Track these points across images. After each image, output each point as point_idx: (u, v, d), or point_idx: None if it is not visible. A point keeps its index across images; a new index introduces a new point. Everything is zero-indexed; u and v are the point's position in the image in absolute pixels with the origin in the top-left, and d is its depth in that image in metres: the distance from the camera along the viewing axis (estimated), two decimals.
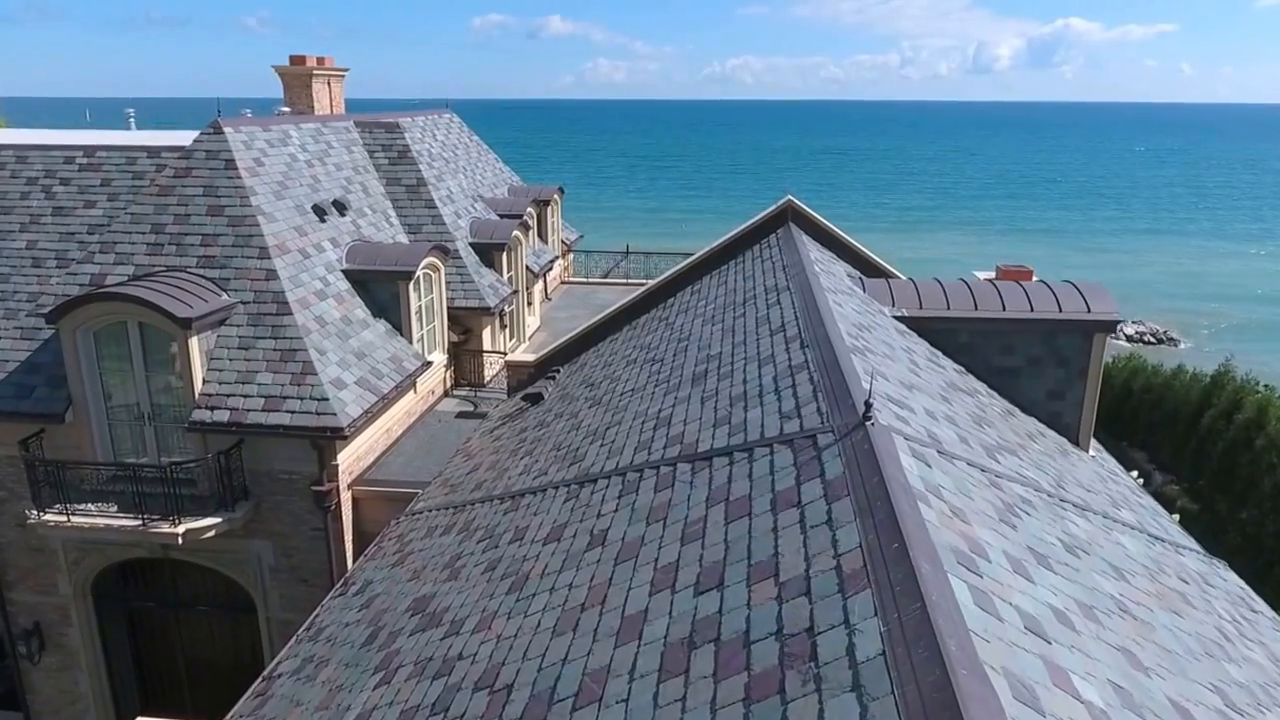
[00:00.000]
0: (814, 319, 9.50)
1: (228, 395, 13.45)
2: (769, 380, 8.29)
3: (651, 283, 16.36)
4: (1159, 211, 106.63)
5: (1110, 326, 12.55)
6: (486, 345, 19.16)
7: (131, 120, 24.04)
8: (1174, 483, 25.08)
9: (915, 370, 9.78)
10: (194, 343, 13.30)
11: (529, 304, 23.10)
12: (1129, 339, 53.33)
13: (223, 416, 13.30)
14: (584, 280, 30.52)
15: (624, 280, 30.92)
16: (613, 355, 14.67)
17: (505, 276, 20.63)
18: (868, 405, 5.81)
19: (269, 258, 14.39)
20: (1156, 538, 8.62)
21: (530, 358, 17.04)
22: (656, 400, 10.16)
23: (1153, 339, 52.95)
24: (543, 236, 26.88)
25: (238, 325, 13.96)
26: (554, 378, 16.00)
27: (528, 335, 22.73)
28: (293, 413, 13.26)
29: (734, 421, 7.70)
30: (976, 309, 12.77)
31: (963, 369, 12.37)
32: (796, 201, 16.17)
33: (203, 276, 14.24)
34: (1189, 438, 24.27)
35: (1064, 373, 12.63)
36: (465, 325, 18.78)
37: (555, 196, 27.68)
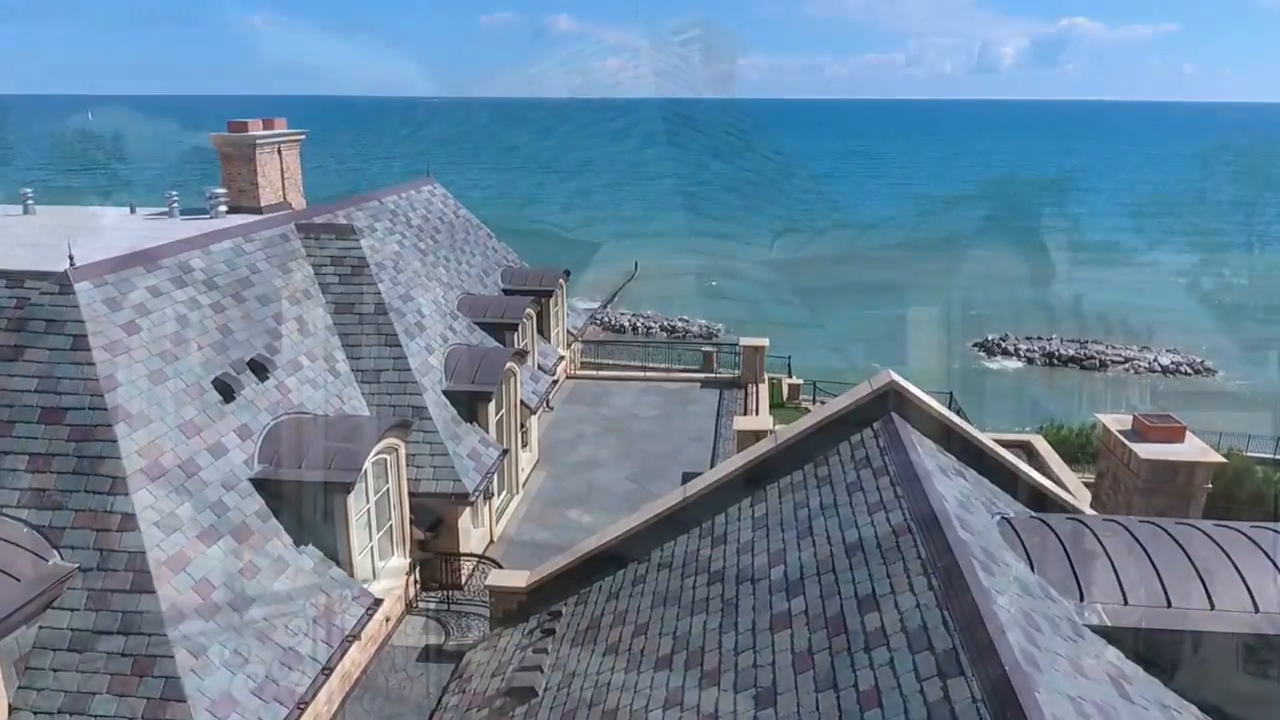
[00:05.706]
0: None
1: None
2: None
3: (686, 493, 11.49)
4: (1188, 221, 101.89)
5: None
6: (463, 538, 14.29)
7: (29, 199, 19.25)
8: None
9: None
10: None
11: (524, 444, 18.23)
12: (1164, 370, 49.30)
13: None
14: (593, 375, 25.58)
15: (640, 373, 26.00)
16: (637, 632, 9.78)
17: (493, 421, 15.78)
18: None
19: (127, 491, 9.57)
20: None
21: (521, 583, 12.24)
22: None
23: (1189, 370, 49.30)
24: (544, 332, 22.04)
25: (72, 608, 9.12)
26: (552, 631, 11.22)
27: (521, 482, 17.86)
28: None
29: None
30: (1213, 608, 8.07)
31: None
32: (900, 381, 11.27)
33: (26, 523, 9.43)
34: None
35: None
36: (436, 514, 13.94)
37: (560, 282, 22.82)
